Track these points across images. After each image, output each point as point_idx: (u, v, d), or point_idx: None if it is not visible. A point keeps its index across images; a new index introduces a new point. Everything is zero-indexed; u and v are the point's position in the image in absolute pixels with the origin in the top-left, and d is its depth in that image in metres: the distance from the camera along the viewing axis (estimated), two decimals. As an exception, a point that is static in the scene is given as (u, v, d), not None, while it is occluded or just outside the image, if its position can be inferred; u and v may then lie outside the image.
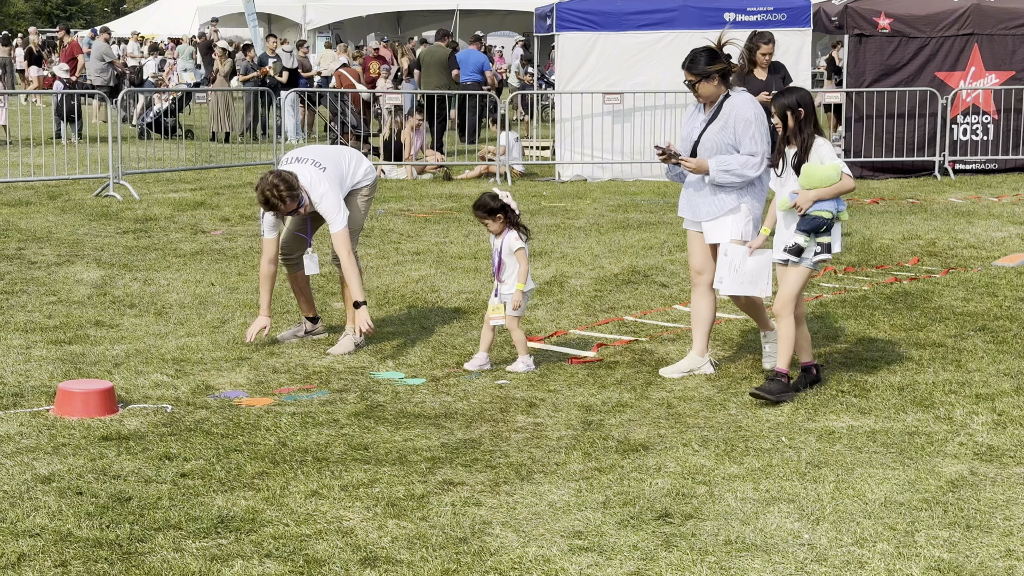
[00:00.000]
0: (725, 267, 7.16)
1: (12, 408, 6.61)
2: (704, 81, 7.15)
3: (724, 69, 7.15)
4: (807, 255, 6.85)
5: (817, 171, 6.76)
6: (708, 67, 7.12)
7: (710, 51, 7.18)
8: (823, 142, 6.80)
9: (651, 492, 5.52)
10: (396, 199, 15.86)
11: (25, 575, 4.53)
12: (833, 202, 6.81)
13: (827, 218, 6.79)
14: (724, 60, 7.18)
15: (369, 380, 7.38)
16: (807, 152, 6.78)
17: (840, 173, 6.75)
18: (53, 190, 15.97)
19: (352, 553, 4.80)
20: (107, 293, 9.65)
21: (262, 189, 7.69)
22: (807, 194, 6.77)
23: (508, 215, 7.69)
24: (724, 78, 7.17)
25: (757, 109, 7.16)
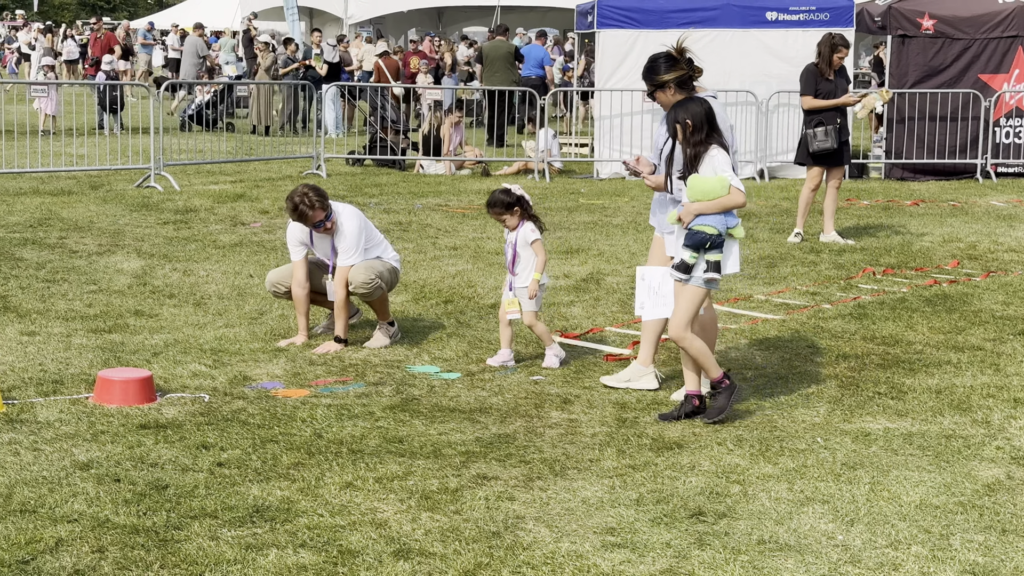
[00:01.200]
0: (644, 291, 6.80)
1: (52, 395, 6.68)
2: (659, 91, 6.74)
3: (680, 76, 6.70)
4: (696, 273, 6.42)
5: (700, 183, 6.37)
6: (664, 76, 6.69)
7: (669, 58, 6.72)
8: (718, 153, 6.38)
9: (685, 490, 5.51)
10: (434, 194, 15.90)
11: (63, 560, 4.58)
12: (719, 217, 6.36)
13: (710, 234, 6.35)
14: (684, 66, 6.71)
15: (405, 374, 7.41)
16: (694, 163, 6.41)
17: (727, 186, 6.33)
18: (95, 180, 16.11)
19: (386, 545, 4.82)
20: (147, 283, 9.73)
21: (293, 196, 7.80)
22: (690, 207, 6.42)
23: (524, 207, 7.68)
24: (682, 86, 6.72)
25: (722, 114, 6.73)
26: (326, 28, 35.18)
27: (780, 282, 10.43)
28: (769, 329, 8.70)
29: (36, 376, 7.02)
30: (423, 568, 4.63)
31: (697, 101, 6.50)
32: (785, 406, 6.87)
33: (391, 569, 4.60)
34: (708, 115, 6.42)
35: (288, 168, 18.18)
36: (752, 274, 10.74)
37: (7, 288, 9.30)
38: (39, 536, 4.76)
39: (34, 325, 8.19)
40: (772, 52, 17.93)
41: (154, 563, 4.58)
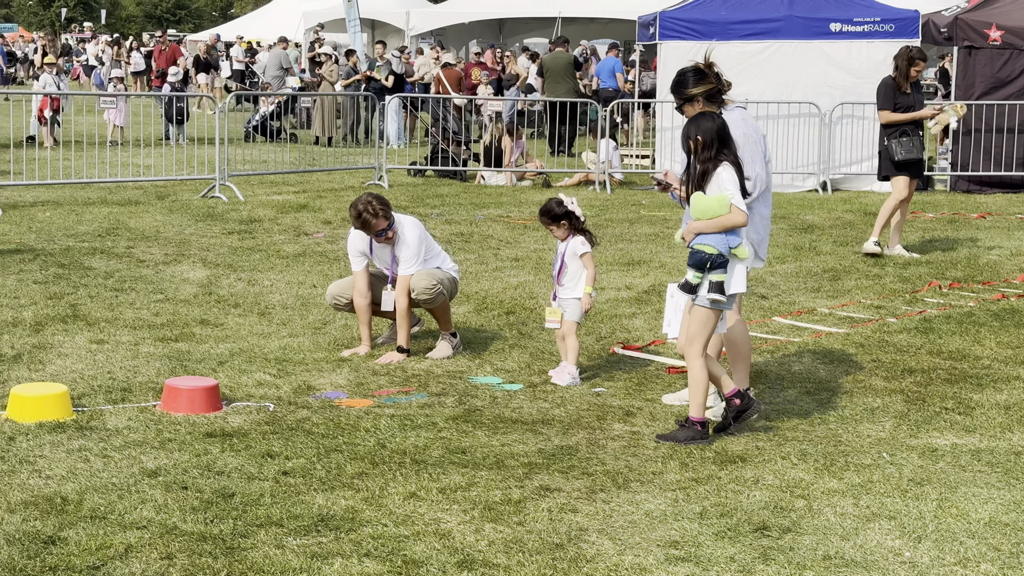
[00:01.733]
0: (672, 309, 6.72)
1: (121, 403, 6.77)
2: (688, 105, 6.63)
3: (709, 90, 6.63)
4: (701, 292, 6.30)
5: (701, 202, 6.26)
6: (692, 89, 6.61)
7: (697, 71, 6.65)
8: (723, 171, 6.25)
9: (749, 504, 5.48)
10: (495, 205, 15.94)
11: (132, 566, 4.64)
12: (720, 236, 6.24)
13: (709, 253, 6.23)
14: (712, 80, 6.64)
15: (467, 384, 7.43)
16: (701, 181, 6.30)
17: (728, 205, 6.20)
18: (161, 190, 16.32)
19: (449, 555, 4.84)
20: (212, 292, 9.84)
21: (356, 204, 7.89)
22: (691, 226, 6.34)
23: (573, 221, 7.67)
24: (711, 99, 6.64)
25: (747, 128, 6.69)
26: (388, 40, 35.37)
27: (844, 295, 10.34)
28: (833, 342, 8.63)
29: (105, 384, 7.12)
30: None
31: (709, 117, 6.39)
32: (850, 420, 6.82)
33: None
34: (719, 132, 6.31)
35: (350, 179, 18.31)
36: (815, 287, 10.67)
37: (77, 297, 9.45)
38: (109, 542, 4.83)
39: (103, 333, 8.31)
40: (835, 64, 17.80)
41: (221, 570, 4.63)
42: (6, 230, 12.51)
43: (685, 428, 6.38)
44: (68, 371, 7.38)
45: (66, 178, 16.33)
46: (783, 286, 10.68)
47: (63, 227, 12.89)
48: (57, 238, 12.16)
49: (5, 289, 9.59)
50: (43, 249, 11.47)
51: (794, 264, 11.80)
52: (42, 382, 7.01)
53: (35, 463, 5.75)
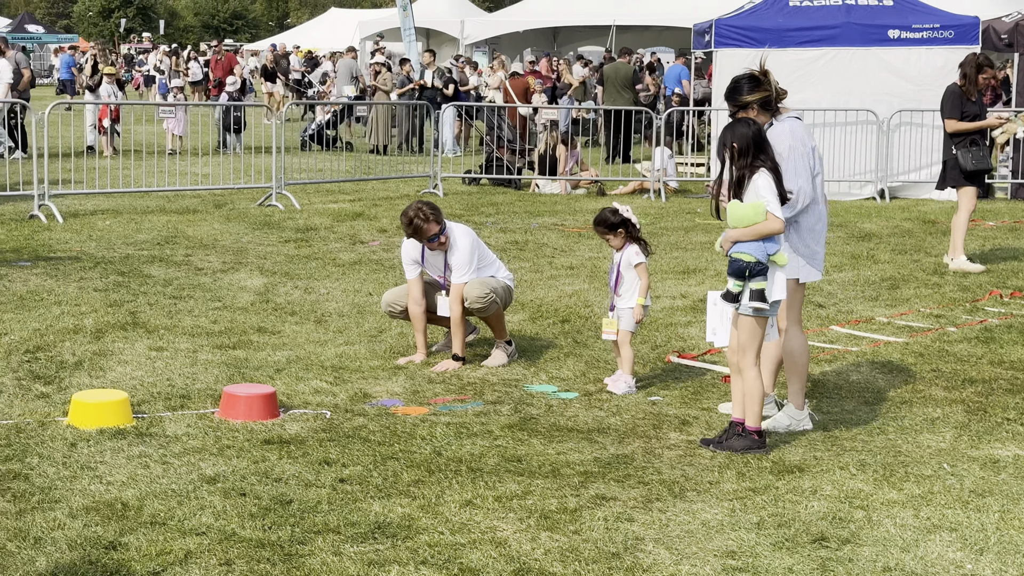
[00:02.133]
0: (716, 317, 6.65)
1: (180, 409, 6.84)
2: (742, 112, 6.56)
3: (764, 98, 6.57)
4: (743, 301, 6.23)
5: (736, 210, 6.19)
6: (746, 96, 6.56)
7: (752, 79, 6.60)
8: (759, 177, 6.18)
9: (807, 515, 5.44)
10: (550, 213, 15.94)
11: (192, 572, 4.68)
12: (758, 244, 6.16)
13: (747, 261, 6.16)
14: (767, 87, 6.59)
15: (523, 393, 7.43)
16: (739, 187, 6.24)
17: (764, 212, 6.12)
18: (219, 199, 16.47)
19: (506, 564, 4.84)
20: (269, 300, 9.92)
21: (408, 211, 7.92)
22: (728, 234, 6.29)
23: (629, 230, 7.65)
24: (765, 107, 6.59)
25: (793, 141, 6.55)
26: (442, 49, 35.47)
27: (903, 304, 10.25)
28: (892, 352, 8.55)
29: (164, 391, 7.19)
30: (543, 588, 4.64)
31: (745, 123, 6.34)
32: (909, 431, 6.74)
33: (511, 588, 4.62)
34: (755, 138, 6.25)
35: (405, 187, 18.39)
36: (873, 296, 10.57)
37: (136, 304, 9.55)
38: (169, 548, 4.87)
39: (162, 341, 8.40)
40: (894, 71, 17.64)
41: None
42: (67, 238, 12.68)
43: (742, 437, 6.34)
44: (128, 378, 7.46)
45: (125, 187, 16.52)
46: (841, 295, 10.60)
47: (123, 235, 13.04)
48: (117, 246, 12.30)
49: (66, 297, 9.72)
50: (103, 257, 11.61)
51: (852, 273, 11.70)
52: (103, 389, 7.09)
53: (96, 469, 5.82)
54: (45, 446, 6.12)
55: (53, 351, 8.01)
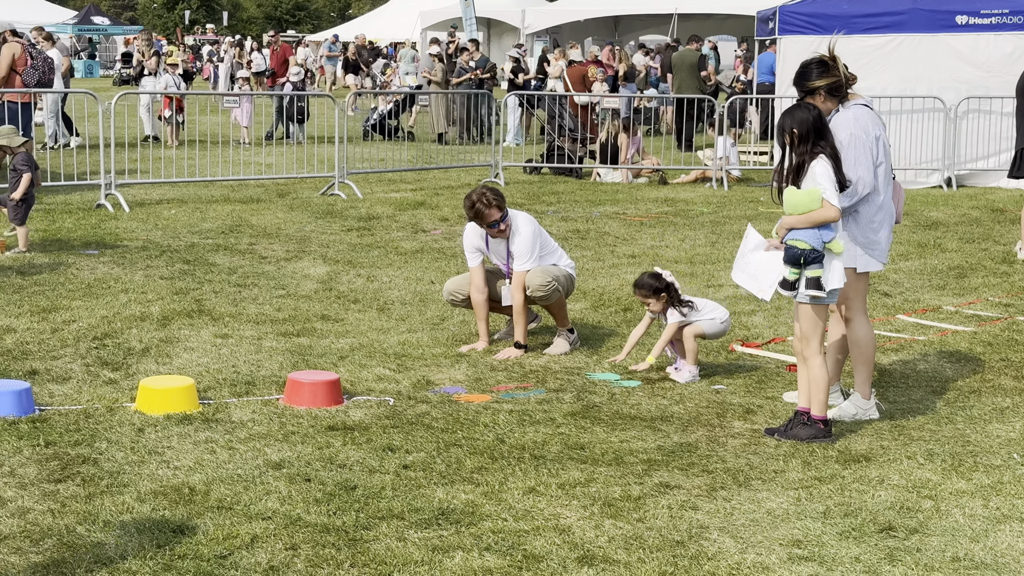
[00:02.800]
0: (739, 250, 6.60)
1: (245, 396, 6.89)
2: (810, 97, 6.46)
3: (833, 83, 6.46)
4: (800, 289, 6.17)
5: (792, 197, 6.15)
6: (815, 82, 6.45)
7: (821, 63, 6.49)
8: (817, 163, 6.11)
9: (874, 504, 5.38)
10: (612, 202, 15.89)
11: (258, 556, 4.72)
12: (814, 231, 6.10)
13: (803, 249, 6.10)
14: (836, 72, 6.48)
15: (585, 381, 7.42)
16: (796, 175, 6.17)
17: (820, 200, 6.07)
18: (282, 188, 16.58)
19: (569, 551, 4.83)
20: (332, 288, 9.97)
21: (471, 195, 7.94)
22: (783, 221, 6.23)
23: (671, 294, 7.50)
24: (833, 93, 6.49)
25: (856, 129, 6.45)
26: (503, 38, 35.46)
27: (971, 293, 10.10)
28: (959, 341, 8.44)
29: (230, 377, 7.25)
30: (607, 575, 4.62)
31: (805, 108, 6.26)
32: (978, 420, 6.65)
33: (575, 575, 4.61)
34: (816, 123, 6.17)
35: (467, 176, 18.41)
36: (940, 284, 10.44)
37: (202, 292, 9.64)
38: (236, 532, 4.91)
39: (227, 328, 8.47)
40: (961, 57, 17.39)
41: (344, 562, 4.69)
42: (133, 227, 12.83)
43: (807, 426, 6.28)
44: (194, 364, 7.53)
45: (190, 176, 16.68)
46: (907, 283, 10.47)
47: (188, 224, 13.17)
48: (182, 235, 12.43)
49: (133, 284, 9.84)
50: (169, 245, 11.73)
51: (918, 261, 11.56)
52: (169, 375, 7.17)
53: (163, 454, 5.88)
54: (113, 431, 6.20)
55: (120, 338, 8.11)
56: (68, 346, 7.87)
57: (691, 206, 15.67)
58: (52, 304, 9.02)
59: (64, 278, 10.01)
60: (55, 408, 6.56)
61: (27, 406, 6.44)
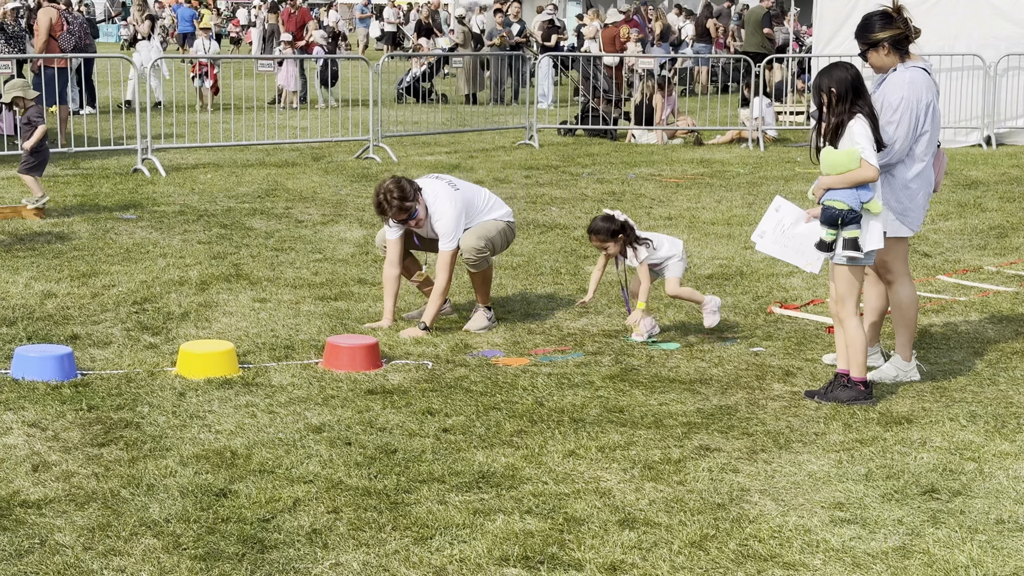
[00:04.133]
0: (772, 222, 6.46)
1: (284, 360, 6.92)
2: (872, 50, 6.41)
3: (896, 36, 6.38)
4: (836, 250, 6.12)
5: (830, 156, 6.06)
6: (877, 34, 6.38)
7: (885, 15, 6.40)
8: (855, 123, 6.03)
9: (916, 466, 5.35)
10: (647, 164, 15.81)
11: (301, 519, 4.74)
12: (851, 191, 6.03)
13: (840, 209, 6.04)
14: (900, 25, 6.39)
15: (623, 343, 7.40)
16: (834, 135, 6.08)
17: (858, 159, 5.99)
18: (317, 152, 16.59)
19: (610, 514, 4.84)
20: (369, 252, 9.97)
21: (377, 191, 7.56)
22: (820, 181, 6.14)
23: (627, 234, 7.35)
24: (896, 46, 6.39)
25: (909, 92, 6.33)
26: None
27: (1012, 253, 10.00)
28: (1001, 302, 8.36)
29: (269, 341, 7.28)
30: (648, 538, 4.62)
31: (843, 67, 6.16)
32: (1021, 381, 6.60)
33: (617, 538, 4.61)
34: (855, 82, 6.07)
35: (501, 139, 18.36)
36: (981, 244, 10.34)
37: (239, 256, 9.67)
38: (278, 496, 4.94)
39: (265, 292, 8.50)
40: (1001, 14, 17.16)
41: (386, 524, 4.71)
42: (170, 191, 12.87)
43: (848, 388, 6.24)
44: (233, 329, 7.56)
45: (226, 140, 16.71)
46: (947, 244, 10.38)
47: (224, 188, 13.20)
48: (219, 199, 12.46)
49: (171, 249, 9.88)
50: (206, 210, 11.76)
51: (959, 221, 11.45)
52: (209, 339, 7.20)
53: (205, 418, 5.91)
54: (155, 395, 6.24)
55: (160, 302, 8.15)
56: (108, 311, 7.92)
57: (727, 167, 15.57)
58: (92, 269, 9.08)
59: (103, 243, 10.07)
60: (97, 372, 6.60)
61: (69, 370, 6.49)
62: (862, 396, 6.21)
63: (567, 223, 11.42)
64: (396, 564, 4.39)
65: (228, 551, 4.45)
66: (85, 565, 4.33)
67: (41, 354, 6.51)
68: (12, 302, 8.07)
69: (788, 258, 6.51)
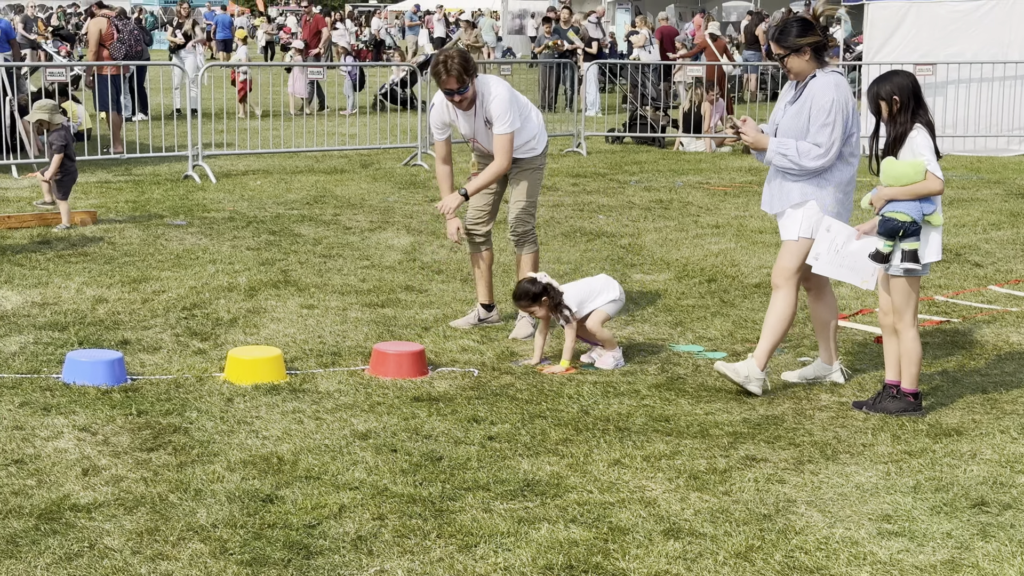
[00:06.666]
0: (825, 243, 6.37)
1: (331, 366, 6.95)
2: (794, 55, 6.33)
3: (817, 42, 6.32)
4: (894, 262, 6.05)
5: (894, 167, 5.97)
6: (799, 39, 6.30)
7: (804, 22, 6.36)
8: (918, 134, 5.95)
9: (965, 479, 5.30)
10: (695, 171, 15.76)
11: (346, 526, 4.77)
12: (913, 203, 5.94)
13: (902, 221, 5.95)
14: (819, 33, 6.33)
15: (669, 352, 7.38)
16: (896, 144, 6.00)
17: (923, 172, 5.91)
18: (365, 159, 16.67)
19: (655, 523, 4.82)
20: (416, 259, 10.01)
21: (441, 52, 7.69)
22: (881, 192, 6.04)
23: (551, 295, 7.05)
24: (817, 53, 6.35)
25: (838, 94, 6.29)
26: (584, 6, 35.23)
27: (1065, 263, 9.88)
28: (1053, 313, 8.26)
29: (316, 348, 7.32)
30: (694, 548, 4.60)
31: (904, 74, 6.11)
32: (1073, 394, 6.52)
33: (661, 548, 4.60)
34: (915, 90, 6.02)
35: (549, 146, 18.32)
36: (1033, 255, 10.22)
37: (287, 263, 9.73)
38: (324, 502, 4.97)
39: (312, 299, 8.55)
40: (1055, 21, 16.97)
41: (431, 532, 4.72)
42: (220, 198, 12.98)
43: (897, 399, 6.19)
44: (281, 335, 7.61)
45: (275, 147, 16.82)
46: (999, 253, 10.27)
47: (273, 195, 13.29)
48: (268, 206, 12.55)
49: (220, 255, 9.96)
50: (255, 216, 11.85)
51: (1010, 231, 11.33)
52: (257, 345, 7.25)
53: (252, 424, 5.96)
54: (203, 401, 6.29)
55: (209, 308, 8.22)
56: (158, 316, 7.99)
57: (776, 175, 15.48)
58: (142, 275, 9.17)
59: (153, 249, 10.17)
60: (146, 378, 6.67)
61: (120, 375, 6.56)
62: (911, 407, 6.16)
63: (614, 231, 11.41)
64: (440, 572, 4.40)
65: (274, 557, 4.47)
66: (133, 569, 4.37)
67: (92, 359, 6.59)
68: (64, 307, 8.17)
69: (844, 277, 6.44)
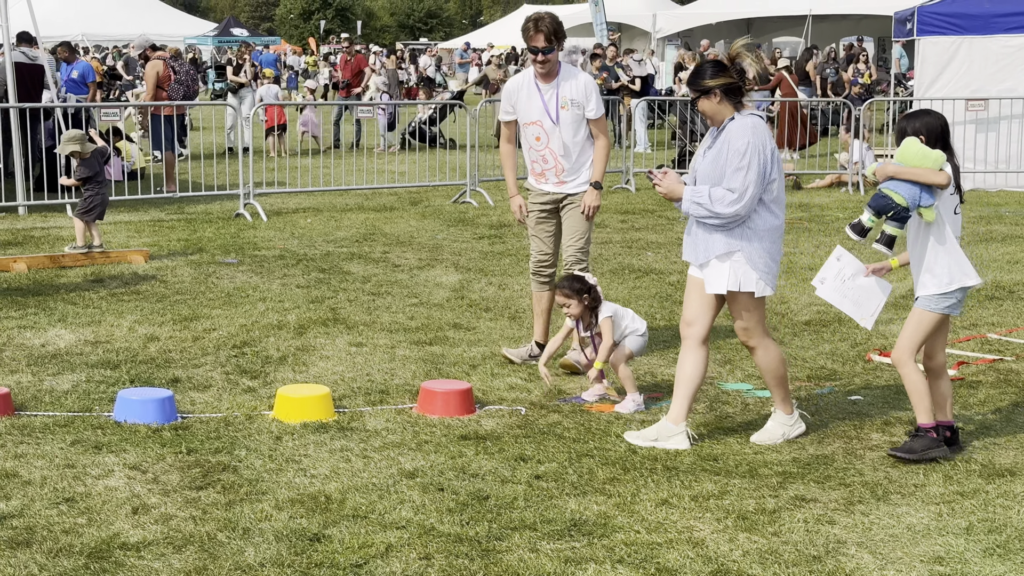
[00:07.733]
0: (833, 270, 6.28)
1: (379, 404, 6.98)
2: (703, 98, 6.15)
3: (728, 85, 6.12)
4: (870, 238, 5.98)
5: (912, 147, 5.89)
6: (708, 81, 6.12)
7: (717, 64, 6.19)
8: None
9: (1019, 520, 5.22)
10: (745, 208, 15.70)
11: (393, 565, 4.77)
12: (913, 187, 5.85)
13: (896, 201, 5.86)
14: (733, 75, 6.14)
15: (718, 391, 7.34)
16: None
17: (940, 164, 5.86)
18: (414, 196, 16.76)
19: (703, 564, 4.79)
20: (464, 296, 10.04)
21: (537, 12, 7.80)
22: (886, 167, 5.92)
23: (592, 296, 7.09)
24: (729, 95, 6.15)
25: (755, 137, 6.06)
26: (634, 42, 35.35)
27: (1121, 300, 9.74)
28: (1109, 351, 8.14)
29: (364, 386, 7.35)
30: (742, 590, 4.57)
31: (933, 114, 6.09)
32: None
33: (709, 590, 4.56)
34: (943, 131, 6.00)
35: (598, 183, 18.34)
36: (1089, 291, 10.09)
37: (336, 301, 9.79)
38: (371, 541, 4.97)
39: (361, 336, 8.59)
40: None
41: (477, 572, 4.71)
42: (270, 236, 13.09)
43: (919, 438, 6.11)
44: (329, 373, 7.65)
45: (326, 185, 16.96)
46: (1053, 290, 10.15)
47: (323, 232, 13.39)
48: (318, 243, 12.64)
49: (271, 293, 10.03)
50: (305, 254, 11.94)
51: (1064, 267, 11.19)
52: (306, 383, 7.29)
53: (300, 462, 5.98)
54: (252, 439, 6.33)
55: (259, 346, 8.28)
56: (209, 354, 8.06)
57: (826, 211, 15.41)
58: (193, 313, 9.26)
59: (205, 287, 10.27)
60: (196, 416, 6.72)
61: (170, 414, 6.62)
62: (934, 444, 6.06)
63: (663, 268, 11.39)
64: (487, 612, 4.38)
65: (321, 596, 4.48)
66: (181, 607, 4.39)
67: (142, 397, 6.65)
68: (116, 345, 8.26)
69: (845, 308, 6.36)
